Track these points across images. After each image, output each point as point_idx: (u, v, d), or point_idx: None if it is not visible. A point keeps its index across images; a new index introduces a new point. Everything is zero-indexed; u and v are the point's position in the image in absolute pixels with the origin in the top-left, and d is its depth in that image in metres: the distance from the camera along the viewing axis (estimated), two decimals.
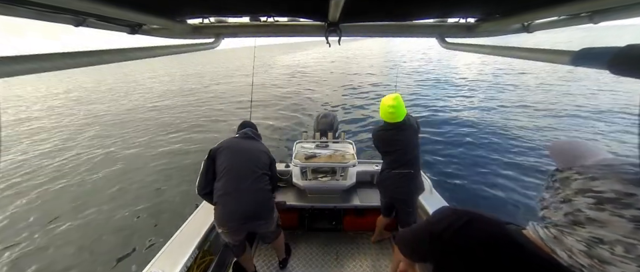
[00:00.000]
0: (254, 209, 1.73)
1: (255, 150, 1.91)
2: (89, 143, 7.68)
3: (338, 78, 17.30)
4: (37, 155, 6.98)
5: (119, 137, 7.95)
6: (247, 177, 1.75)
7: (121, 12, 0.75)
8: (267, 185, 1.84)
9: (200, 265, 1.91)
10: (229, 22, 1.23)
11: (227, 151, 1.82)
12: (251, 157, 1.85)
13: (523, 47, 0.83)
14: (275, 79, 18.66)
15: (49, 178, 5.56)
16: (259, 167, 1.83)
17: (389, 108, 1.87)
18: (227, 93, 14.39)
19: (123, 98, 15.37)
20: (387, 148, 2.03)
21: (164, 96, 14.98)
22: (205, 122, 9.19)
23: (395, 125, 1.93)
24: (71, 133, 8.86)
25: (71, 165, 6.17)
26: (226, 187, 1.71)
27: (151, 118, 10.00)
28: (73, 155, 6.75)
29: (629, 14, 0.73)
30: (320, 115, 2.99)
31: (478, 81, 14.08)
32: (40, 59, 0.52)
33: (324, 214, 2.66)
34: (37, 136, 8.69)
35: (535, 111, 8.62)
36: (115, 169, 5.79)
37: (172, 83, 20.94)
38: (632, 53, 0.45)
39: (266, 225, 1.85)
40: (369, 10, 1.01)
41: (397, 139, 1.96)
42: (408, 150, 1.98)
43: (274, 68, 25.33)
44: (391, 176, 2.02)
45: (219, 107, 11.23)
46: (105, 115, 11.06)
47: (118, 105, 13.37)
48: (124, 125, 9.26)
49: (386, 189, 2.11)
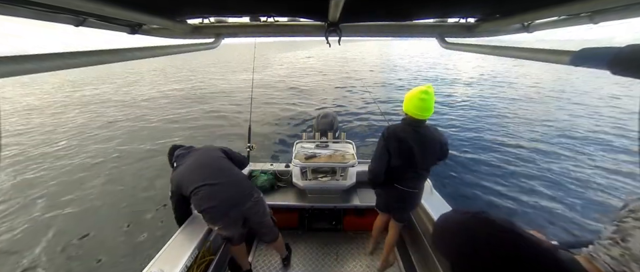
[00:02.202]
0: (235, 190, 1.77)
1: (203, 155, 1.92)
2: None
3: (338, 77, 17.30)
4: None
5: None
6: (216, 176, 1.78)
7: (121, 12, 0.75)
8: (233, 168, 1.90)
9: (200, 264, 1.91)
10: (228, 22, 1.23)
11: (184, 178, 1.80)
12: (205, 161, 1.87)
13: (523, 47, 0.83)
14: (275, 77, 18.65)
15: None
16: (216, 161, 1.88)
17: (421, 94, 1.61)
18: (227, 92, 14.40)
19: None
20: (398, 152, 1.73)
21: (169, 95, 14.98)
22: (205, 121, 9.19)
23: (418, 123, 1.69)
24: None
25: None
26: (203, 195, 1.72)
27: (142, 117, 9.98)
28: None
29: (629, 14, 0.73)
30: (320, 114, 2.99)
31: (478, 81, 14.07)
32: (40, 59, 0.52)
33: (324, 214, 2.66)
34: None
35: (535, 111, 8.63)
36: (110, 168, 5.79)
37: (174, 82, 20.93)
38: (632, 52, 0.45)
39: (256, 205, 1.85)
40: (368, 10, 1.01)
41: (416, 143, 1.69)
42: (423, 163, 1.75)
43: (273, 66, 25.36)
44: (391, 192, 1.88)
45: (219, 106, 11.23)
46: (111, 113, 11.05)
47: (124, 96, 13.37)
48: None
49: (382, 201, 2.08)
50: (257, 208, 1.87)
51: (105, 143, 7.19)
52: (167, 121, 9.19)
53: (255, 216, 1.87)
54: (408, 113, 1.70)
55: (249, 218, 1.87)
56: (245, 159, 2.29)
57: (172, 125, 8.75)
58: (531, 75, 15.37)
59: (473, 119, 8.30)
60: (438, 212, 2.03)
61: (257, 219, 1.89)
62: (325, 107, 9.93)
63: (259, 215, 1.90)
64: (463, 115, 8.78)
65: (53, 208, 4.33)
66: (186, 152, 1.97)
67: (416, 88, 1.67)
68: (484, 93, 11.97)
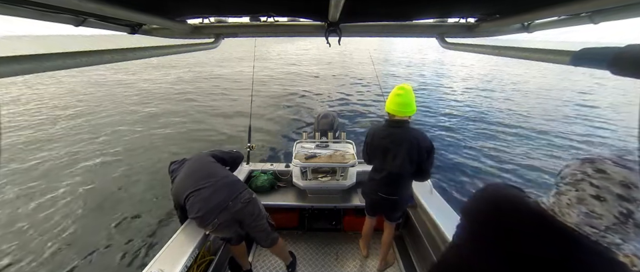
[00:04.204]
0: (224, 194, 1.76)
1: (195, 163, 1.95)
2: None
3: (338, 77, 17.29)
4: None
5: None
6: (203, 181, 1.79)
7: (121, 12, 0.75)
8: (222, 172, 1.91)
9: (200, 264, 1.92)
10: (228, 22, 1.23)
11: (177, 190, 1.84)
12: (195, 168, 1.90)
13: (523, 47, 0.83)
14: (275, 76, 18.64)
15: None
16: (206, 166, 1.91)
17: (397, 90, 1.66)
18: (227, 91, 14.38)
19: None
20: (375, 152, 1.80)
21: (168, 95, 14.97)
22: (205, 121, 9.18)
23: (398, 123, 1.70)
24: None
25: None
26: (193, 202, 1.74)
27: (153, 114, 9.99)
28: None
29: (628, 14, 0.72)
30: (320, 114, 2.99)
31: (478, 81, 14.07)
32: (40, 59, 0.52)
33: (324, 214, 2.66)
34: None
35: (535, 111, 8.63)
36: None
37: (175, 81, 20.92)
38: (632, 53, 0.45)
39: (247, 207, 1.81)
40: (368, 10, 1.01)
41: (391, 143, 1.71)
42: (393, 163, 1.72)
43: (273, 64, 25.33)
44: (371, 196, 1.95)
45: (219, 106, 11.22)
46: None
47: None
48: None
49: (367, 205, 2.12)
50: (249, 209, 1.82)
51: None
52: (166, 123, 9.18)
53: (247, 218, 1.82)
54: (388, 111, 1.73)
55: (242, 220, 1.83)
56: (238, 154, 2.29)
57: (172, 123, 8.74)
58: (535, 75, 15.39)
59: (474, 118, 8.31)
60: (438, 212, 2.03)
61: (249, 221, 1.83)
62: (325, 107, 9.93)
63: (253, 217, 1.84)
64: (463, 113, 8.78)
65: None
66: (179, 164, 2.04)
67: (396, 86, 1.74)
68: (483, 92, 11.98)
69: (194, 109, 10.60)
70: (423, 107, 9.44)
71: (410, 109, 1.67)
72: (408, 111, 1.67)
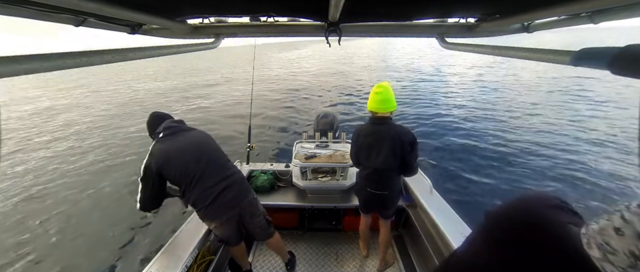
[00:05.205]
0: (237, 190, 1.73)
1: (202, 144, 1.74)
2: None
3: (338, 77, 17.29)
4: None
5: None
6: (219, 172, 1.71)
7: (121, 12, 0.75)
8: (234, 166, 1.86)
9: (200, 264, 1.92)
10: (228, 22, 1.23)
11: (175, 159, 1.61)
12: (205, 151, 1.71)
13: (523, 47, 0.83)
14: (275, 77, 18.65)
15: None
16: (216, 154, 1.78)
17: (376, 88, 1.74)
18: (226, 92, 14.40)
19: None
20: (361, 150, 1.84)
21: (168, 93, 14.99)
22: (205, 121, 9.19)
23: (380, 120, 1.77)
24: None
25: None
26: (204, 187, 1.63)
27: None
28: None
29: (629, 14, 0.72)
30: (320, 114, 2.99)
31: (479, 81, 14.08)
32: (40, 59, 0.52)
33: (324, 214, 2.66)
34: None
35: (536, 110, 8.63)
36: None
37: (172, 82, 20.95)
38: (632, 53, 0.45)
39: (251, 206, 1.83)
40: (368, 10, 1.01)
41: (374, 141, 1.77)
42: (377, 159, 1.77)
43: (273, 65, 25.36)
44: (362, 193, 1.97)
45: (219, 106, 11.24)
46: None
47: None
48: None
49: (360, 203, 2.12)
50: (251, 209, 1.85)
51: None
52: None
53: (247, 215, 1.85)
54: (370, 109, 1.80)
55: (243, 217, 1.85)
56: None
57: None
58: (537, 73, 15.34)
59: (474, 119, 8.29)
60: (438, 212, 2.03)
61: (248, 218, 1.86)
62: (325, 107, 9.93)
63: (252, 214, 1.87)
64: (464, 114, 8.77)
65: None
66: (177, 127, 1.73)
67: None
68: (481, 91, 11.97)
69: (194, 108, 10.62)
70: (426, 106, 9.42)
71: (390, 105, 1.75)
72: (388, 107, 1.75)
